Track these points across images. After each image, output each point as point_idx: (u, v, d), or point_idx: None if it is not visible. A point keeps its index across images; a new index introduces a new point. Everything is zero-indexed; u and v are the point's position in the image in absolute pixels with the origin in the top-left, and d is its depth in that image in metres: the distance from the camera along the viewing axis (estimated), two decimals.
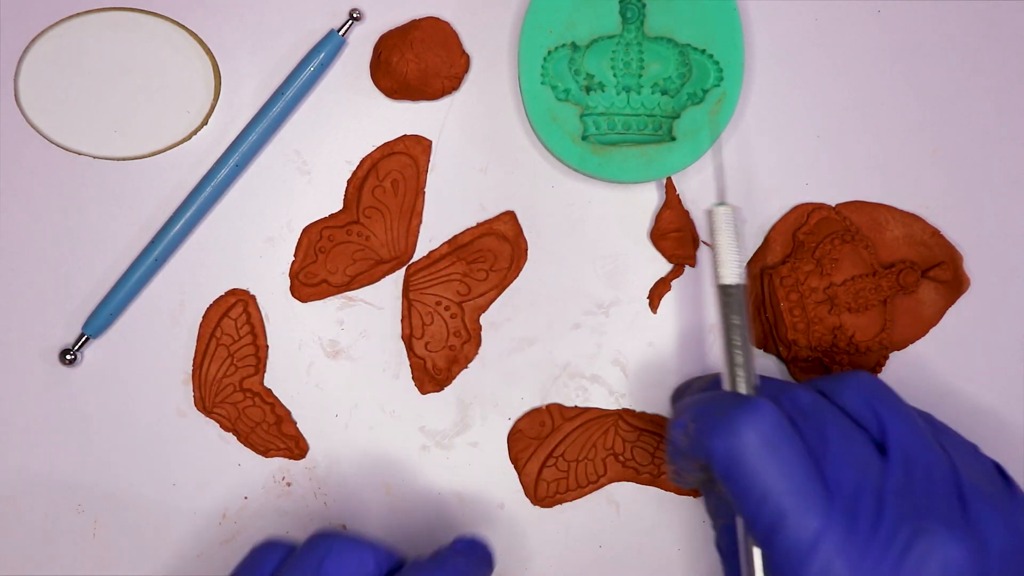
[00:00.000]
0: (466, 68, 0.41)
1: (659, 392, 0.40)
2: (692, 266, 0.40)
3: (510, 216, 0.41)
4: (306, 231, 0.41)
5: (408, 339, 0.40)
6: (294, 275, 0.41)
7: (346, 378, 0.41)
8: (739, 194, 0.41)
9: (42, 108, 0.41)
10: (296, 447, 0.40)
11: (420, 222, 0.41)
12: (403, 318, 0.40)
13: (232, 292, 0.41)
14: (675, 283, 0.41)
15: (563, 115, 0.39)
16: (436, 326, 0.40)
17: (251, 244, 0.41)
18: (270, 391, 0.40)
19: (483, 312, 0.41)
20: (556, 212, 0.41)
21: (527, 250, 0.41)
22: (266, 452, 0.40)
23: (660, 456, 0.40)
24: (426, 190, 0.41)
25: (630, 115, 0.40)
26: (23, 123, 0.41)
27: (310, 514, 0.40)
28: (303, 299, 0.41)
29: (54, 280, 0.41)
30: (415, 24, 0.40)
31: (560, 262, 0.41)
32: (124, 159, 0.41)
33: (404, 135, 0.41)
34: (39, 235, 0.41)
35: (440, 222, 0.41)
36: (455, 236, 0.41)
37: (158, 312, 0.41)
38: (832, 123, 0.41)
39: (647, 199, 0.41)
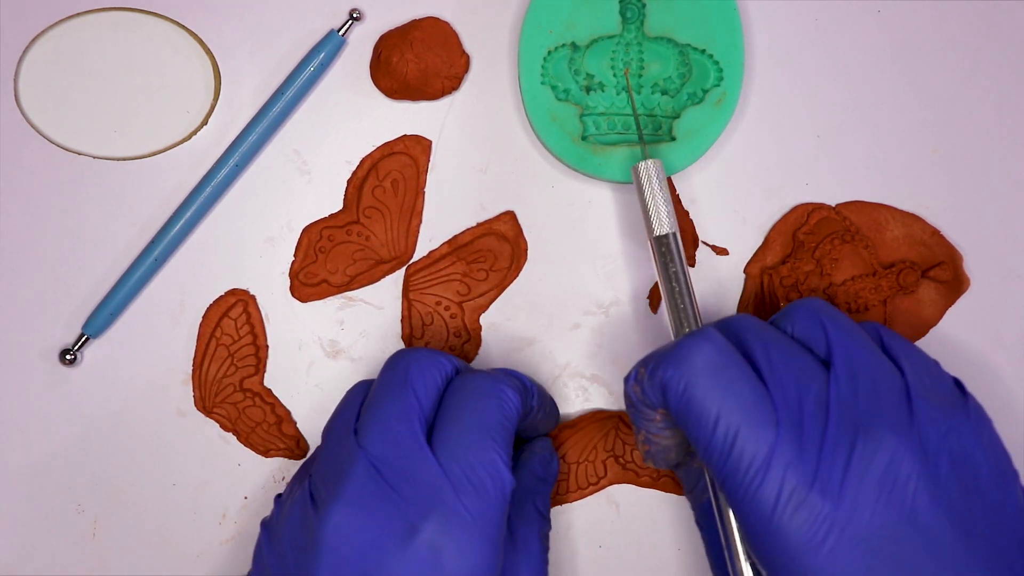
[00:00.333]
0: (466, 68, 0.41)
1: None
2: (692, 266, 0.40)
3: (510, 216, 0.41)
4: (306, 231, 0.41)
5: (408, 339, 0.40)
6: (294, 275, 0.41)
7: (346, 378, 0.41)
8: (739, 194, 0.41)
9: (42, 108, 0.41)
10: (296, 447, 0.40)
11: (420, 222, 0.41)
12: (403, 318, 0.40)
13: (232, 292, 0.41)
14: None
15: (563, 115, 0.39)
16: (436, 326, 0.40)
17: (251, 244, 0.41)
18: (270, 391, 0.40)
19: (483, 312, 0.41)
20: (556, 212, 0.41)
21: (527, 250, 0.41)
22: (266, 452, 0.40)
23: None
24: (426, 190, 0.41)
25: (630, 115, 0.40)
26: (23, 123, 0.41)
27: None
28: (303, 299, 0.41)
29: (54, 280, 0.41)
30: (415, 24, 0.40)
31: (560, 262, 0.41)
32: (124, 159, 0.41)
33: (404, 135, 0.41)
34: (39, 235, 0.41)
35: (440, 222, 0.41)
36: (455, 236, 0.41)
37: (158, 312, 0.41)
38: (832, 123, 0.41)
39: None
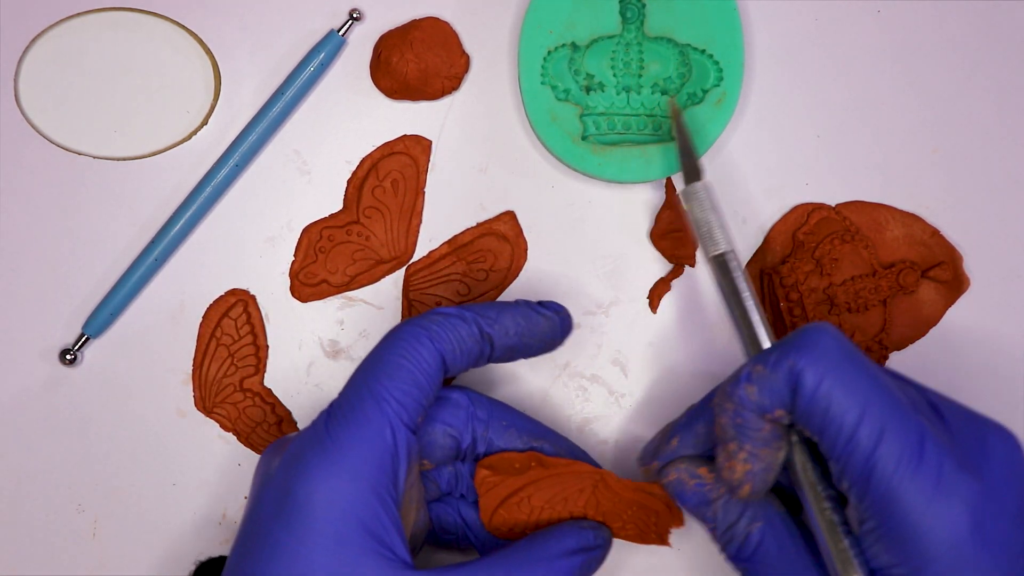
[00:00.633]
0: (466, 68, 0.41)
1: (659, 392, 0.40)
2: (692, 266, 0.40)
3: (510, 216, 0.41)
4: (306, 231, 0.41)
5: None
6: (294, 275, 0.41)
7: (346, 378, 0.40)
8: (739, 194, 0.41)
9: (42, 108, 0.41)
10: None
11: (420, 222, 0.41)
12: (403, 318, 0.40)
13: (232, 292, 0.41)
14: (675, 283, 0.41)
15: (563, 115, 0.39)
16: None
17: (251, 244, 0.41)
18: (270, 391, 0.40)
19: None
20: (556, 212, 0.41)
21: (527, 250, 0.41)
22: None
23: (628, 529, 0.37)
24: (426, 190, 0.41)
25: (630, 115, 0.40)
26: (23, 123, 0.41)
27: None
28: (303, 299, 0.41)
29: (54, 280, 0.41)
30: (415, 24, 0.40)
31: (560, 262, 0.41)
32: (124, 159, 0.41)
33: (404, 135, 0.41)
34: (39, 235, 0.41)
35: (440, 222, 0.41)
36: (455, 236, 0.41)
37: (158, 312, 0.41)
38: (832, 123, 0.41)
39: (647, 199, 0.41)
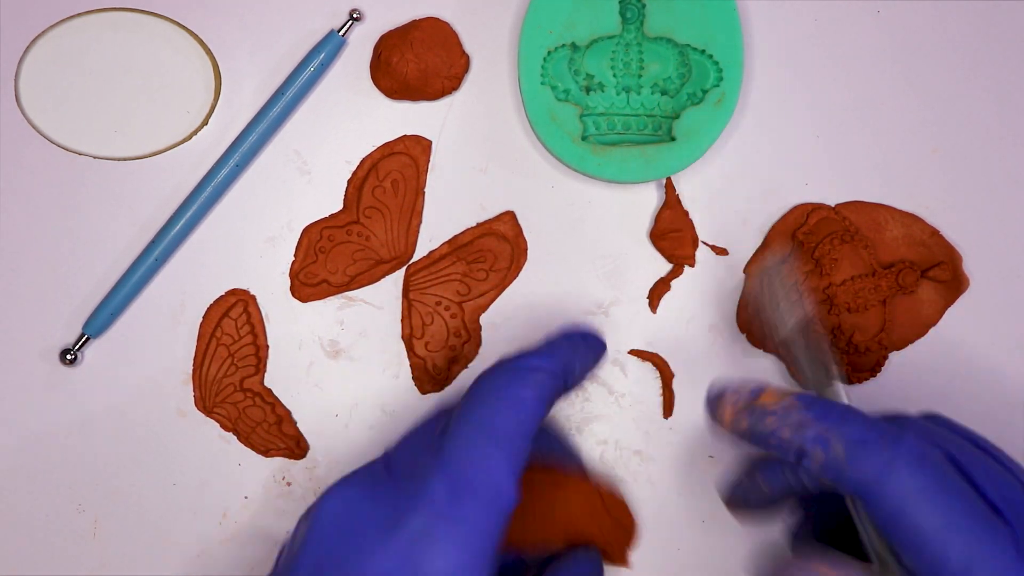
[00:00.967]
0: (466, 68, 0.41)
1: (659, 392, 0.40)
2: (692, 266, 0.40)
3: (510, 216, 0.41)
4: (306, 231, 0.41)
5: (408, 339, 0.40)
6: (294, 275, 0.41)
7: (346, 378, 0.41)
8: (739, 194, 0.41)
9: (42, 108, 0.41)
10: (296, 447, 0.40)
11: (420, 222, 0.41)
12: (403, 318, 0.40)
13: (232, 292, 0.41)
14: (675, 283, 0.41)
15: (563, 115, 0.39)
16: (436, 326, 0.40)
17: (251, 244, 0.41)
18: (270, 391, 0.40)
19: (483, 312, 0.41)
20: (556, 212, 0.41)
21: (527, 250, 0.41)
22: (266, 452, 0.40)
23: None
24: (426, 190, 0.41)
25: (630, 115, 0.40)
26: (23, 123, 0.41)
27: None
28: (303, 299, 0.41)
29: (54, 280, 0.41)
30: (415, 24, 0.40)
31: (560, 262, 0.41)
32: (124, 159, 0.41)
33: (404, 135, 0.41)
34: (39, 235, 0.41)
35: (440, 222, 0.41)
36: (455, 236, 0.41)
37: (158, 312, 0.41)
38: (832, 123, 0.41)
39: (647, 199, 0.41)
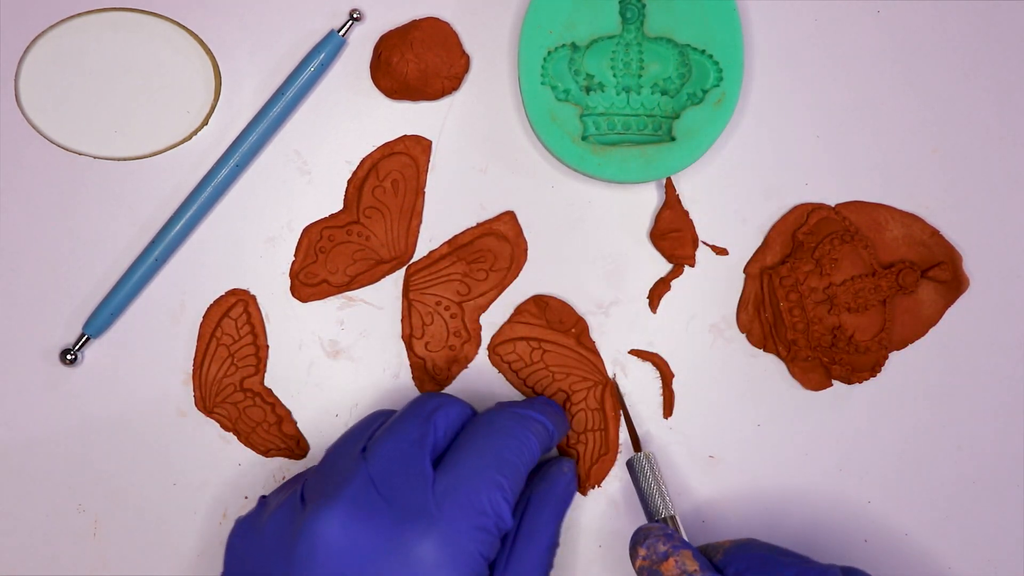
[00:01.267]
0: (466, 68, 0.41)
1: (659, 392, 0.40)
2: (692, 266, 0.40)
3: (510, 216, 0.41)
4: (306, 231, 0.41)
5: (408, 339, 0.40)
6: (294, 275, 0.41)
7: (346, 378, 0.41)
8: (739, 194, 0.41)
9: (42, 108, 0.41)
10: (296, 447, 0.40)
11: (420, 222, 0.41)
12: (403, 318, 0.40)
13: (232, 292, 0.41)
14: (675, 283, 0.41)
15: (563, 115, 0.39)
16: (436, 326, 0.40)
17: (251, 244, 0.41)
18: (270, 391, 0.40)
19: (483, 312, 0.41)
20: (556, 212, 0.41)
21: (527, 250, 0.41)
22: (266, 452, 0.40)
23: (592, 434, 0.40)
24: (426, 190, 0.41)
25: (630, 115, 0.40)
26: (23, 123, 0.41)
27: None
28: (303, 299, 0.41)
29: (54, 280, 0.41)
30: (415, 24, 0.40)
31: (560, 262, 0.41)
32: (124, 159, 0.41)
33: (404, 135, 0.41)
34: (39, 235, 0.41)
35: (440, 222, 0.41)
36: (455, 236, 0.41)
37: (158, 312, 0.41)
38: (832, 123, 0.41)
39: (647, 199, 0.41)
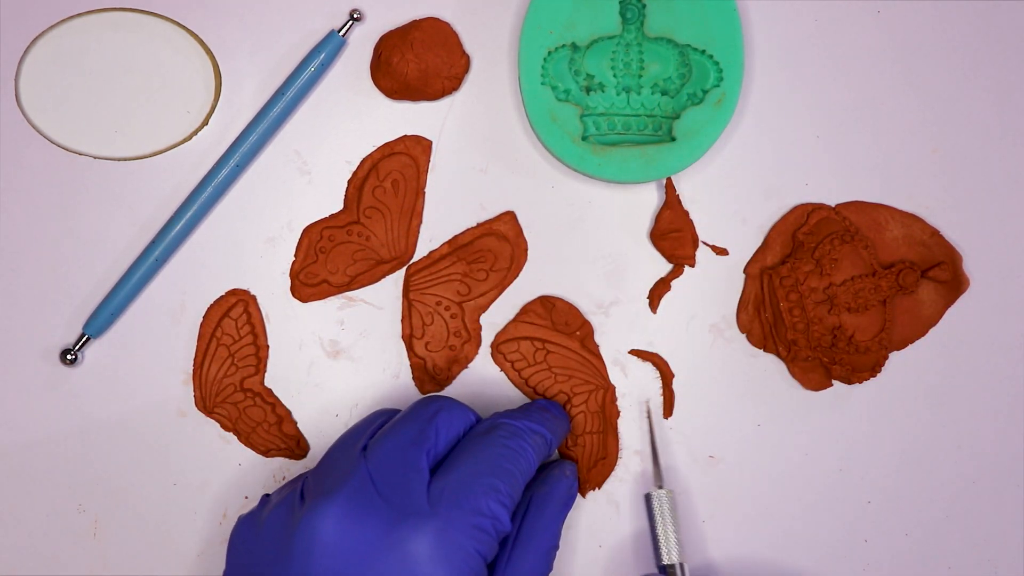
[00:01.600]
0: (466, 68, 0.41)
1: (658, 390, 0.40)
2: (692, 266, 0.41)
3: (510, 216, 0.41)
4: (306, 231, 0.41)
5: (408, 339, 0.40)
6: (295, 275, 0.41)
7: (346, 378, 0.41)
8: (739, 194, 0.41)
9: (43, 108, 0.41)
10: (296, 447, 0.40)
11: (420, 222, 0.41)
12: (403, 318, 0.40)
13: (232, 292, 0.41)
14: (675, 283, 0.41)
15: (563, 115, 0.39)
16: (436, 326, 0.40)
17: (251, 244, 0.41)
18: (271, 391, 0.40)
19: (483, 312, 0.41)
20: (556, 212, 0.41)
21: (527, 250, 0.41)
22: (266, 452, 0.40)
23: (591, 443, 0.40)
24: (426, 190, 0.41)
25: (630, 115, 0.40)
26: (23, 123, 0.41)
27: None
28: (303, 299, 0.41)
29: (54, 280, 0.41)
30: (415, 24, 0.40)
31: (560, 262, 0.41)
32: (124, 159, 0.41)
33: (404, 135, 0.41)
34: (39, 235, 0.41)
35: (440, 222, 0.41)
36: (455, 236, 0.41)
37: (158, 312, 0.41)
38: (832, 123, 0.41)
39: (647, 199, 0.41)
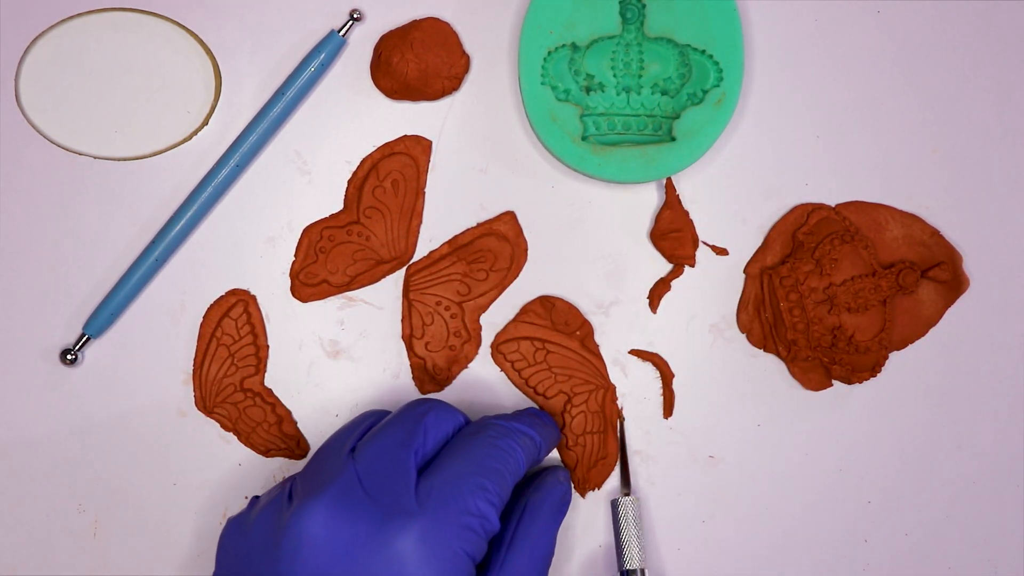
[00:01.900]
0: (466, 68, 0.41)
1: (659, 392, 0.40)
2: (692, 266, 0.41)
3: (510, 216, 0.41)
4: (306, 231, 0.41)
5: (408, 339, 0.40)
6: (294, 275, 0.41)
7: (346, 378, 0.41)
8: (739, 194, 0.41)
9: (43, 108, 0.41)
10: (296, 447, 0.40)
11: (420, 222, 0.41)
12: (403, 318, 0.40)
13: (232, 292, 0.41)
14: (675, 283, 0.41)
15: (563, 115, 0.39)
16: (436, 326, 0.40)
17: (251, 244, 0.41)
18: (271, 391, 0.40)
19: (483, 312, 0.41)
20: (556, 212, 0.41)
21: (527, 250, 0.41)
22: (266, 452, 0.40)
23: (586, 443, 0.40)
24: (426, 190, 0.41)
25: (630, 115, 0.40)
26: (24, 123, 0.41)
27: None
28: (303, 299, 0.41)
29: (54, 280, 0.41)
30: (415, 24, 0.40)
31: (560, 262, 0.41)
32: (124, 159, 0.41)
33: (404, 135, 0.41)
34: (39, 235, 0.41)
35: (440, 222, 0.41)
36: (455, 236, 0.41)
37: (158, 312, 0.41)
38: (832, 123, 0.41)
39: (647, 199, 0.41)
